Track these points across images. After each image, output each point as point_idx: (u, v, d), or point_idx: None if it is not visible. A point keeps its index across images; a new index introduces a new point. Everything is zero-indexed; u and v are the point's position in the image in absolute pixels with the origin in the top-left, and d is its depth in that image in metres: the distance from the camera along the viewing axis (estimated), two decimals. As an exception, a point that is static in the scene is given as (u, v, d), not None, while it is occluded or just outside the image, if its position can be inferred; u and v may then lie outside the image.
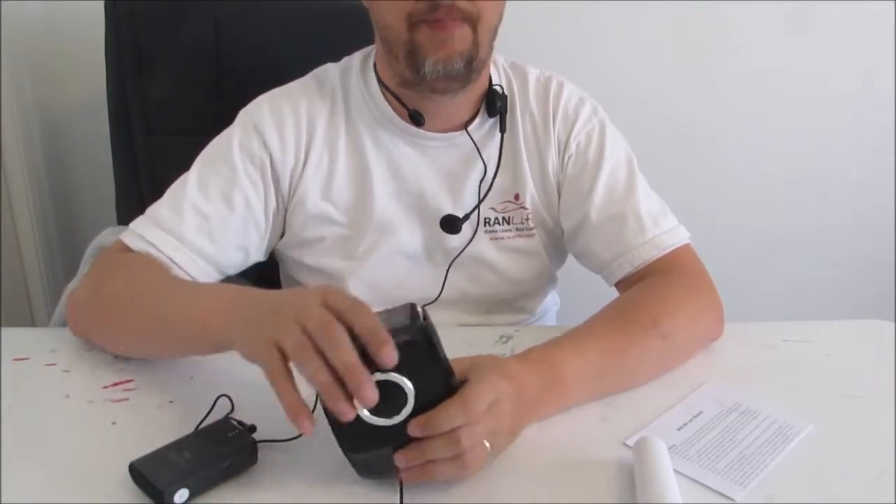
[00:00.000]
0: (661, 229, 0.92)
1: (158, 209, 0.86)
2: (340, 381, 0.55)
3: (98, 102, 1.20)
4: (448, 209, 0.93)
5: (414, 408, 0.58)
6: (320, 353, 0.55)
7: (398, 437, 0.59)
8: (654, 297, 0.85)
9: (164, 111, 1.17)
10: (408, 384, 0.57)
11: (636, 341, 0.78)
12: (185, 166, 0.89)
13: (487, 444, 0.61)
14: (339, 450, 0.65)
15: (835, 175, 1.72)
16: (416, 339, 0.57)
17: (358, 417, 0.56)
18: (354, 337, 0.56)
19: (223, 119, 0.92)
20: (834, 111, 1.66)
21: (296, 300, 0.59)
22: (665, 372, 0.82)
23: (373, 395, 0.55)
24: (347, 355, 0.54)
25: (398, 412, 0.58)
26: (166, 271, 0.82)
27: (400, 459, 0.59)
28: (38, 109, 1.43)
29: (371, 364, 0.55)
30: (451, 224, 0.92)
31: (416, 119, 0.90)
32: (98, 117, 1.21)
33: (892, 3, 1.56)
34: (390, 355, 0.55)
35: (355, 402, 0.55)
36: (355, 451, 0.61)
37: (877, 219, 1.76)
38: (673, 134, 1.62)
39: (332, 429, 0.59)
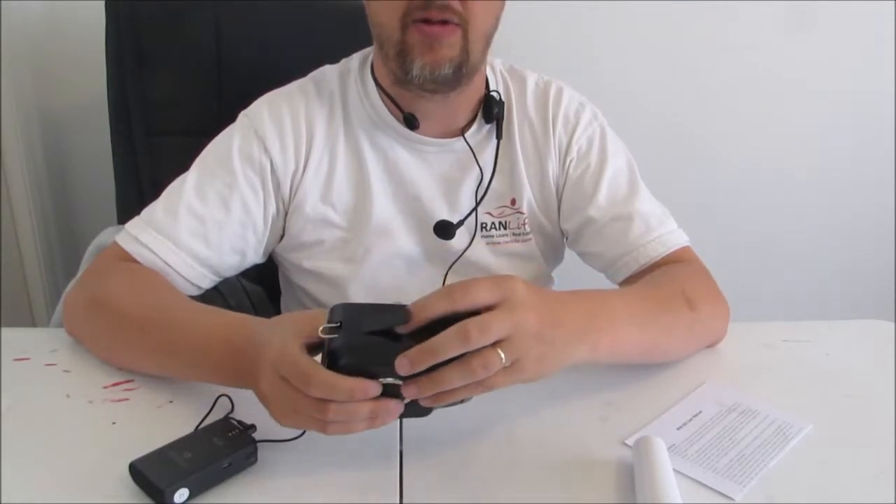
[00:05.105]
0: (666, 229, 0.92)
1: (154, 211, 0.86)
2: None
3: (98, 102, 1.21)
4: (444, 214, 0.93)
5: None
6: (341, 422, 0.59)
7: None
8: (679, 276, 0.87)
9: (164, 111, 1.18)
10: (389, 380, 0.58)
11: (669, 307, 0.80)
12: (185, 166, 0.89)
13: (502, 354, 0.57)
14: (338, 450, 0.65)
15: (835, 175, 1.72)
16: (350, 362, 0.58)
17: None
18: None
19: (223, 119, 0.92)
20: (834, 111, 1.66)
21: (268, 389, 0.61)
22: (687, 349, 0.84)
23: (398, 407, 0.59)
24: (360, 413, 0.58)
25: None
26: (160, 289, 0.81)
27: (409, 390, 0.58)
28: (38, 109, 1.43)
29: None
30: (444, 229, 0.92)
31: (410, 122, 0.90)
32: (98, 117, 1.21)
33: (892, 3, 1.56)
34: (373, 395, 0.58)
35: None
36: (427, 413, 0.63)
37: (877, 219, 1.76)
38: (673, 134, 1.63)
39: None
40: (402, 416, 0.61)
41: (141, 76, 1.15)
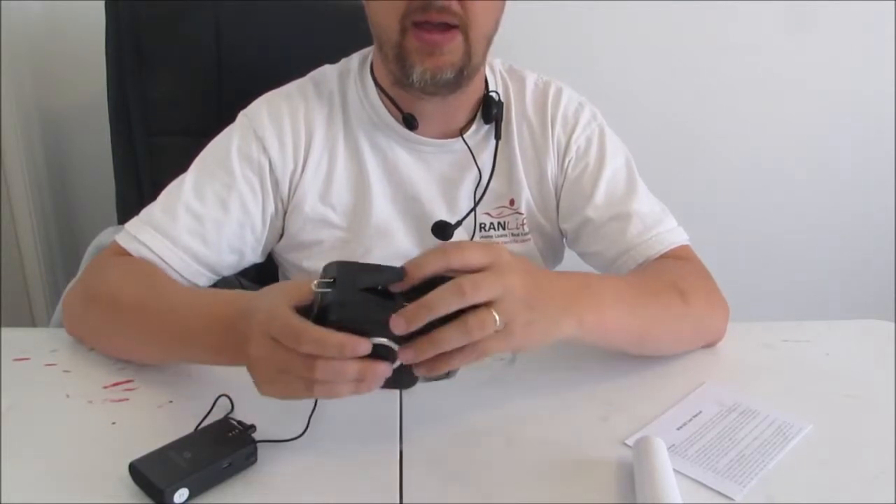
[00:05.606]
0: (665, 227, 0.92)
1: (153, 211, 0.86)
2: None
3: (98, 102, 1.21)
4: (442, 214, 0.94)
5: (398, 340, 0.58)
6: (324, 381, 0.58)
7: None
8: (673, 269, 0.87)
9: (164, 111, 1.17)
10: (381, 340, 0.58)
11: (660, 296, 0.80)
12: (185, 166, 0.89)
13: (496, 314, 0.58)
14: (338, 450, 0.65)
15: (835, 175, 1.72)
16: (341, 317, 0.57)
17: None
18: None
19: (223, 119, 0.92)
20: (834, 111, 1.66)
21: (255, 352, 0.61)
22: (680, 342, 0.83)
23: (387, 370, 0.58)
24: (347, 373, 0.57)
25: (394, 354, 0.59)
26: (156, 277, 0.81)
27: (406, 354, 0.58)
28: (38, 109, 1.43)
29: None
30: (442, 230, 0.92)
31: (410, 123, 0.90)
32: (98, 117, 1.21)
33: (892, 3, 1.56)
34: (363, 352, 0.57)
35: None
36: (412, 384, 0.63)
37: (877, 219, 1.76)
38: (673, 134, 1.63)
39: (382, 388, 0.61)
40: (386, 387, 0.60)
41: (141, 76, 1.15)
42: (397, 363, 0.59)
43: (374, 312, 0.57)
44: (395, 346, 0.58)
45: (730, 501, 0.62)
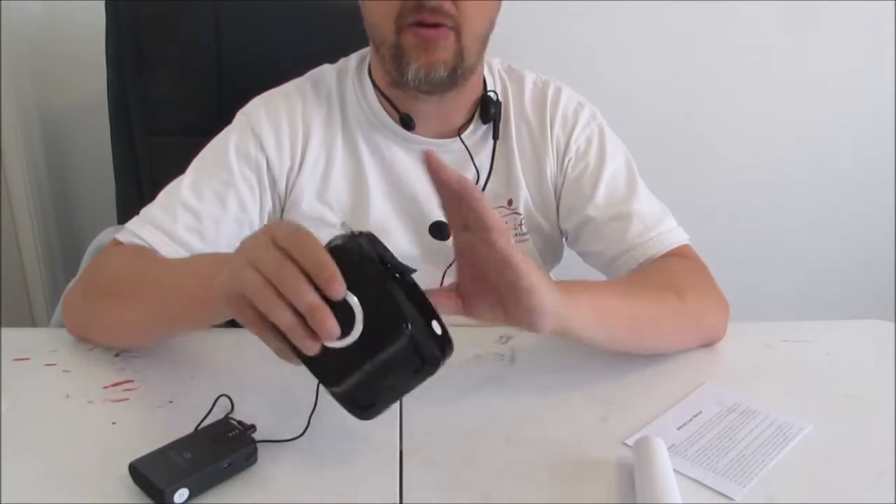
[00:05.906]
0: (665, 227, 0.92)
1: (152, 210, 0.87)
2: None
3: (98, 102, 1.21)
4: (440, 214, 0.93)
5: (365, 319, 0.55)
6: (280, 295, 0.54)
7: (370, 352, 0.56)
8: (669, 268, 0.88)
9: (164, 111, 1.18)
10: (354, 299, 0.55)
11: (654, 290, 0.81)
12: (185, 166, 0.89)
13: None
14: (338, 450, 0.65)
15: (835, 175, 1.72)
16: (346, 245, 0.56)
17: (324, 347, 0.55)
18: None
19: (223, 119, 0.92)
20: (834, 111, 1.66)
21: (248, 244, 0.58)
22: (677, 339, 0.83)
23: (335, 329, 0.53)
24: (304, 295, 0.53)
25: (351, 327, 0.55)
26: (150, 254, 0.82)
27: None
28: (38, 109, 1.43)
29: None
30: (439, 230, 0.92)
31: (406, 123, 0.90)
32: (98, 117, 1.22)
33: (893, 3, 1.56)
34: (337, 289, 0.53)
35: None
36: (337, 383, 0.57)
37: (877, 219, 1.76)
38: (673, 134, 1.63)
39: (308, 367, 0.57)
40: (312, 368, 0.57)
41: (141, 76, 1.15)
42: (349, 340, 0.55)
43: (369, 272, 0.55)
44: (360, 315, 0.55)
45: (730, 501, 0.62)
